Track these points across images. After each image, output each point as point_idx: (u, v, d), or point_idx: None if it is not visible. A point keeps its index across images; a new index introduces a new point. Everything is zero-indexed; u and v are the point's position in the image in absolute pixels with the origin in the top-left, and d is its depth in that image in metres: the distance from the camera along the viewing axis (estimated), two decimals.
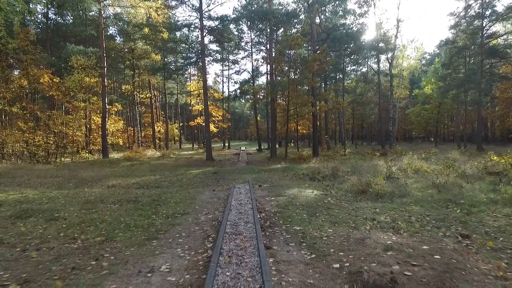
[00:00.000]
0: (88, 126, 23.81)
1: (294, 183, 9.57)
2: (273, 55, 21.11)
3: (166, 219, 5.45)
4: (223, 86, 43.21)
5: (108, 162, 19.26)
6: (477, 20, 22.82)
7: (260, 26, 27.54)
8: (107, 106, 21.61)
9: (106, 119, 21.11)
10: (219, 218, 5.38)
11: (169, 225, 5.02)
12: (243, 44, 32.48)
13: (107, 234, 4.57)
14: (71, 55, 17.34)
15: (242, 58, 35.83)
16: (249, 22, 29.83)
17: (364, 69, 42.22)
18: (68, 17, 27.07)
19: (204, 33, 21.41)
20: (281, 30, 30.35)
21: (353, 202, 6.78)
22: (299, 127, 30.83)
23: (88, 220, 5.36)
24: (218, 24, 20.82)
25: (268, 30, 26.20)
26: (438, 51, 59.28)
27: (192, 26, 20.71)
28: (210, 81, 53.65)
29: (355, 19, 23.66)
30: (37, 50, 17.64)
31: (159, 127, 38.31)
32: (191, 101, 41.27)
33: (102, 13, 20.66)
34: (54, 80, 17.33)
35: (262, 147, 33.70)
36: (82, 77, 17.75)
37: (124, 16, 23.20)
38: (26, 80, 16.36)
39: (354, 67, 39.79)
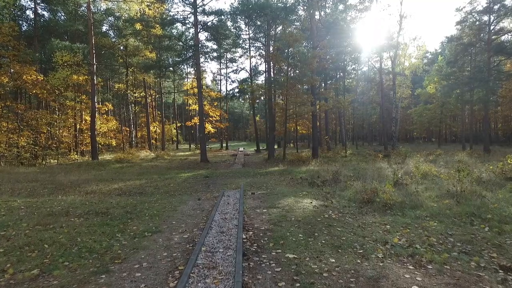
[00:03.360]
0: (78, 126, 22.81)
1: (291, 190, 8.58)
2: (271, 51, 20.12)
3: (131, 240, 4.47)
4: (220, 85, 42.21)
5: (97, 164, 18.29)
6: (484, 15, 21.84)
7: (258, 23, 26.55)
8: (98, 105, 20.60)
9: (96, 119, 20.11)
10: (196, 239, 4.40)
11: (132, 250, 4.04)
12: (240, 42, 31.50)
13: (49, 264, 3.59)
14: (55, 50, 16.37)
15: (240, 57, 34.87)
16: (246, 19, 28.87)
17: (365, 68, 41.30)
18: (60, 13, 26.15)
19: (199, 29, 20.46)
20: (280, 28, 29.45)
21: (358, 215, 5.80)
22: (298, 127, 29.91)
23: (36, 242, 4.38)
24: (213, 19, 19.87)
25: (266, 27, 25.24)
26: (440, 50, 58.44)
27: (186, 21, 19.74)
28: (208, 81, 52.77)
29: (357, 13, 22.68)
30: (20, 46, 16.68)
31: (155, 127, 37.35)
32: (188, 100, 40.31)
33: (92, 7, 19.68)
34: (39, 77, 16.37)
35: (260, 148, 32.75)
36: (68, 74, 16.75)
37: (116, 12, 22.22)
38: (7, 78, 15.40)
39: (354, 66, 38.81)
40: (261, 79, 38.03)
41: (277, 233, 4.56)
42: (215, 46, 29.71)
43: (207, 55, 27.44)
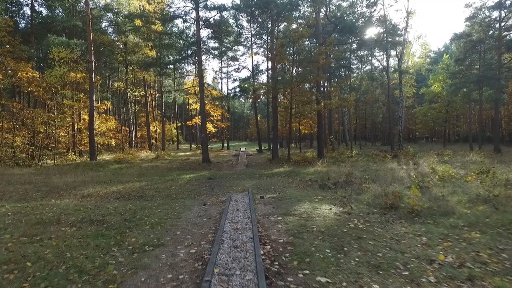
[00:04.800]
0: (76, 125, 22.16)
1: (303, 194, 7.94)
2: (275, 46, 19.46)
3: (129, 256, 3.82)
4: (222, 85, 41.58)
5: (95, 165, 17.64)
6: (495, 11, 21.19)
7: (260, 19, 25.89)
8: (96, 104, 19.94)
9: (95, 118, 19.45)
10: (206, 255, 3.76)
11: (130, 270, 3.39)
12: (242, 39, 30.87)
13: None
14: (51, 46, 15.69)
15: (242, 55, 34.22)
16: (249, 16, 28.24)
17: (368, 67, 40.61)
18: (58, 10, 25.50)
19: (200, 26, 19.82)
20: (283, 25, 28.81)
21: (385, 224, 5.16)
22: (301, 127, 29.24)
23: (18, 258, 3.73)
24: (215, 15, 19.22)
25: (269, 24, 24.59)
26: (443, 49, 57.82)
27: (188, 17, 19.12)
28: (209, 80, 52.15)
29: (363, 9, 22.01)
30: (15, 42, 16.03)
31: (155, 127, 36.69)
32: (188, 100, 39.67)
33: (90, 3, 19.02)
34: (34, 74, 15.70)
35: (262, 148, 32.13)
36: (65, 71, 16.10)
37: (115, 8, 21.56)
38: (1, 75, 14.73)
39: (357, 65, 38.13)
40: (262, 79, 37.44)
41: (300, 248, 3.91)
42: (216, 45, 29.07)
43: (208, 53, 26.76)
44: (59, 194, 9.12)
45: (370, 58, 36.18)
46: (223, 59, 35.06)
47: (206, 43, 26.57)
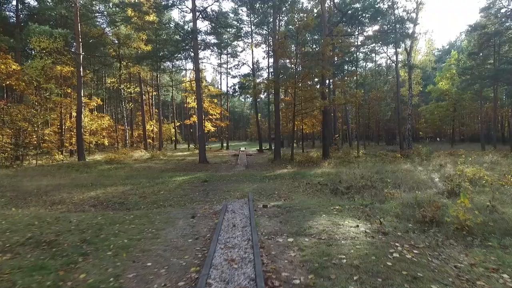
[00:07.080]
0: (66, 123, 20.77)
1: (315, 202, 6.54)
2: (277, 37, 18.07)
3: None
4: (221, 83, 40.19)
5: (82, 166, 16.26)
6: None
7: (261, 10, 24.52)
8: (85, 100, 18.52)
9: (84, 115, 18.05)
10: None
11: None
12: (242, 34, 29.46)
13: None
14: (32, 36, 14.27)
15: (242, 51, 32.88)
16: (249, 10, 26.88)
17: (371, 65, 39.24)
18: (47, 2, 24.12)
19: (197, 16, 18.44)
20: (285, 19, 27.41)
21: (436, 249, 3.76)
22: (304, 126, 27.88)
23: None
24: (213, 3, 17.85)
25: (271, 18, 23.21)
26: (447, 46, 56.47)
27: (183, 5, 17.75)
28: (208, 79, 50.80)
29: None
30: None
31: (152, 126, 35.33)
32: (187, 98, 38.31)
33: None
34: (14, 66, 14.29)
35: (263, 148, 30.75)
36: (47, 63, 14.70)
37: None
38: None
39: (361, 61, 36.72)
40: (263, 75, 36.07)
41: None
42: (215, 41, 27.69)
43: (206, 48, 25.30)
44: (25, 201, 7.76)
45: (373, 55, 34.84)
46: (222, 55, 33.66)
47: (204, 38, 25.20)
